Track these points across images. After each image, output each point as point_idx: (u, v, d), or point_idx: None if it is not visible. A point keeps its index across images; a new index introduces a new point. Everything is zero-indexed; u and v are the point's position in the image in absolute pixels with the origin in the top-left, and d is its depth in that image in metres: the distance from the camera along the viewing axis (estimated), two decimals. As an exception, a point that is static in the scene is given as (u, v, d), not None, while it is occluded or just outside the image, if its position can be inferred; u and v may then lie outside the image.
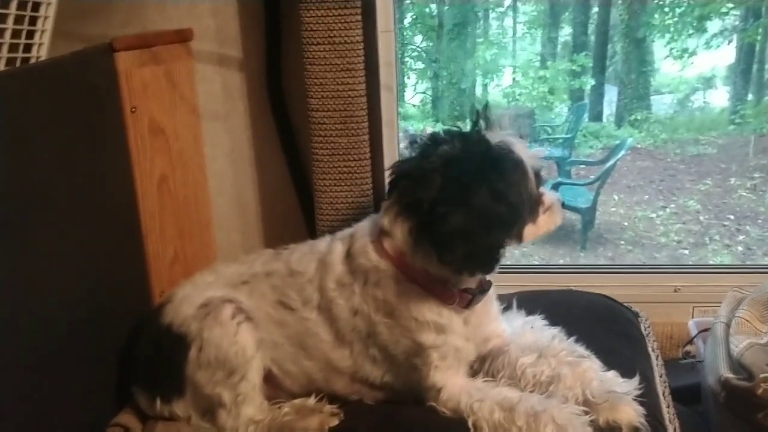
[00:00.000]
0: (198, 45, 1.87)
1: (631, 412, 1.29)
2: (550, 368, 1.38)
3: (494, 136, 1.35)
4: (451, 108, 9.59)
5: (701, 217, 6.55)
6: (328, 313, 1.46)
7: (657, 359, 1.57)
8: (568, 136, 8.02)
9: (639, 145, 8.32)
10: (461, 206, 1.25)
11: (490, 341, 1.48)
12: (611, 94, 9.70)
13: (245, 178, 1.96)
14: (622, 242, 6.31)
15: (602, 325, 1.64)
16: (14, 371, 1.28)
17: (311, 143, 1.71)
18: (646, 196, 7.09)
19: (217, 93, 1.90)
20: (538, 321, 1.54)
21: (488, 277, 1.43)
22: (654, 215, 6.71)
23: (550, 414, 1.24)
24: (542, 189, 1.42)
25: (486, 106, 1.41)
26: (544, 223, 1.43)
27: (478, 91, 9.92)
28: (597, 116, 9.62)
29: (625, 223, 6.68)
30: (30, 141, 1.35)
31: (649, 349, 1.59)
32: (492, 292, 1.47)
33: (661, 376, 1.51)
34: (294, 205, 1.92)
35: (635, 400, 1.32)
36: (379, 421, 1.40)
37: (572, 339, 1.47)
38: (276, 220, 1.98)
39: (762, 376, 1.24)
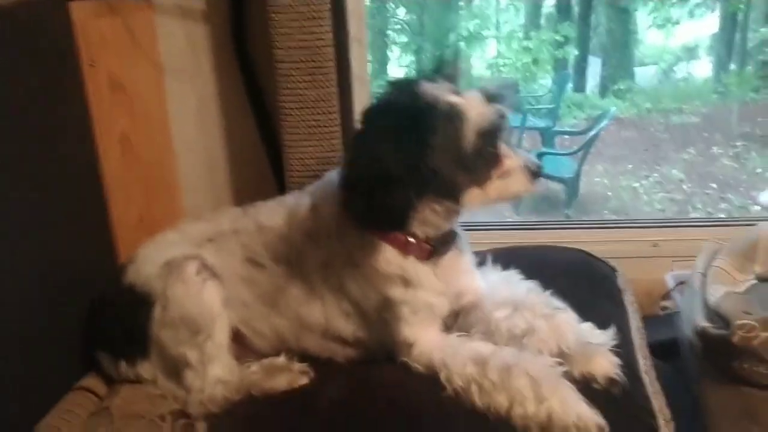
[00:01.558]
0: (159, -4, 1.80)
1: (607, 364, 1.27)
2: (524, 321, 1.35)
3: (436, 88, 1.27)
4: (435, 81, 9.53)
5: (684, 186, 6.58)
6: (299, 268, 1.42)
7: (634, 313, 1.54)
8: (552, 106, 8.01)
9: (623, 116, 8.33)
10: (366, 158, 1.22)
11: (463, 296, 1.44)
12: (595, 64, 9.69)
13: (213, 136, 1.89)
14: (606, 212, 6.34)
15: (579, 280, 1.61)
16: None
17: (278, 97, 1.65)
18: (630, 166, 7.11)
19: (181, 48, 1.82)
20: (513, 276, 1.50)
21: (455, 229, 1.40)
22: (638, 184, 6.74)
23: (523, 367, 1.22)
24: (507, 151, 1.29)
25: (455, 55, 1.36)
26: (497, 189, 1.29)
27: (464, 64, 9.85)
28: (581, 87, 9.62)
29: (609, 193, 6.71)
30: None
31: (626, 303, 1.57)
32: (463, 246, 1.44)
33: (637, 329, 1.49)
34: (265, 163, 1.86)
35: (611, 351, 1.29)
36: (349, 380, 1.37)
37: (548, 293, 1.43)
38: (246, 180, 1.93)
39: (738, 323, 1.22)
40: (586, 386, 1.23)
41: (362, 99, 1.76)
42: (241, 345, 1.50)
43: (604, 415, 1.16)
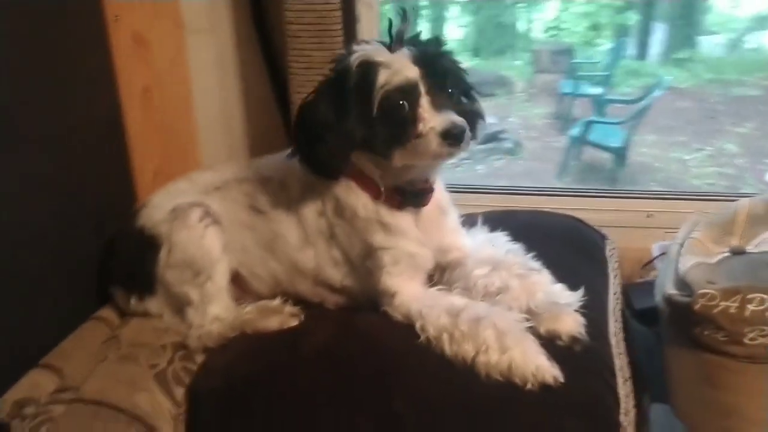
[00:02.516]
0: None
1: (571, 323, 1.32)
2: (500, 280, 1.41)
3: (367, 49, 1.33)
4: (491, 43, 9.39)
5: (736, 161, 6.38)
6: (296, 216, 1.51)
7: (614, 279, 1.59)
8: (606, 73, 7.81)
9: (681, 86, 8.05)
10: (303, 117, 1.36)
11: (449, 253, 1.51)
12: (659, 31, 9.35)
13: (230, 91, 1.98)
14: (654, 183, 6.21)
15: (564, 245, 1.66)
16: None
17: (287, 56, 1.72)
18: (683, 138, 6.91)
19: (202, 5, 1.91)
20: (500, 237, 1.56)
21: (431, 186, 1.46)
22: (689, 157, 6.56)
23: (491, 320, 1.28)
24: (426, 112, 1.28)
25: (403, 19, 1.35)
26: (414, 149, 1.29)
27: (522, 26, 9.67)
28: (643, 54, 9.31)
29: (658, 164, 6.55)
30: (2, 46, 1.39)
31: (609, 270, 1.61)
32: (447, 205, 1.50)
33: (615, 294, 1.53)
34: (278, 118, 1.94)
35: (578, 312, 1.35)
36: (334, 325, 1.46)
37: (529, 255, 1.49)
38: (260, 133, 2.01)
39: (700, 292, 1.25)
40: (550, 342, 1.29)
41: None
42: (241, 287, 1.61)
43: (565, 370, 1.22)
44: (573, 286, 1.40)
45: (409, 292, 1.42)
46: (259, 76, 1.91)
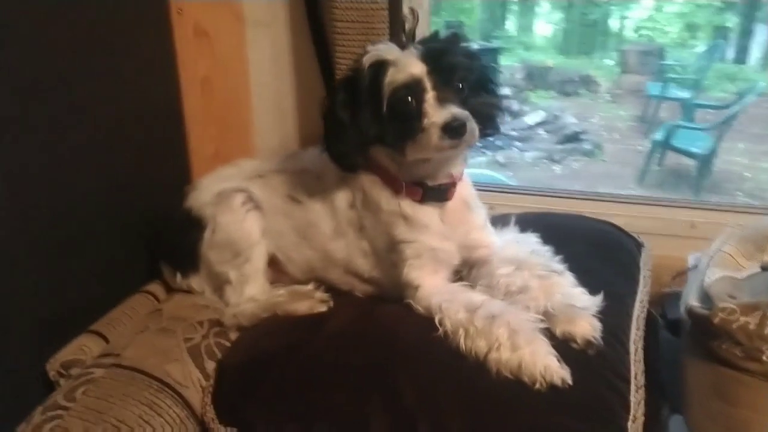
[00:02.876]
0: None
1: (587, 326, 1.32)
2: (522, 280, 1.42)
3: (379, 48, 1.37)
4: (581, 41, 9.20)
5: (834, 174, 6.03)
6: (329, 206, 1.58)
7: (644, 287, 1.57)
8: (696, 77, 7.52)
9: (779, 92, 7.65)
10: (325, 115, 1.43)
11: (476, 250, 1.54)
12: (762, 34, 8.90)
13: (284, 84, 2.06)
14: (740, 193, 5.96)
15: (595, 249, 1.65)
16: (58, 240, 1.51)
17: (334, 52, 1.79)
18: (775, 147, 6.59)
19: (262, 1, 1.99)
20: (529, 238, 1.57)
21: (453, 181, 1.48)
22: (781, 167, 6.25)
23: (505, 318, 1.30)
24: (430, 107, 1.31)
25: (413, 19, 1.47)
26: (421, 143, 1.33)
27: (613, 25, 9.43)
28: (742, 58, 8.88)
29: (747, 174, 6.27)
30: (69, 28, 1.51)
31: (639, 277, 1.60)
32: (470, 201, 1.53)
33: (641, 302, 1.52)
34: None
35: (596, 317, 1.35)
36: (357, 312, 1.52)
37: (556, 257, 1.49)
38: (311, 125, 2.08)
39: (720, 305, 1.23)
40: (564, 344, 1.30)
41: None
42: (278, 270, 1.70)
43: (576, 372, 1.23)
44: (595, 291, 1.40)
45: (431, 285, 1.46)
46: (312, 71, 1.98)
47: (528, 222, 1.64)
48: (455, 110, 1.30)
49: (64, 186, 1.52)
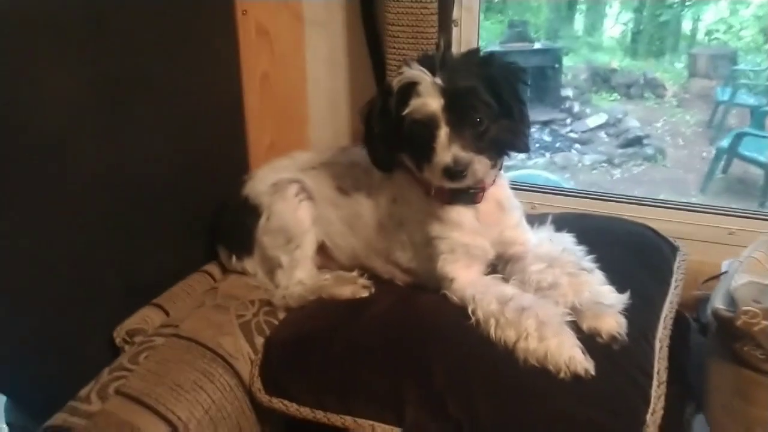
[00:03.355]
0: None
1: (612, 323, 1.39)
2: (552, 276, 1.49)
3: (411, 72, 1.42)
4: (650, 43, 9.02)
5: None
6: (374, 200, 1.69)
7: (675, 289, 1.61)
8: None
9: None
10: (364, 125, 1.56)
11: (511, 246, 1.61)
12: None
13: (339, 81, 2.16)
14: (805, 204, 5.77)
15: (628, 250, 1.70)
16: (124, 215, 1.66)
17: (386, 54, 1.88)
18: None
19: (320, 3, 2.09)
20: (563, 237, 1.64)
21: (484, 183, 1.54)
22: None
23: (534, 311, 1.38)
24: (441, 144, 1.38)
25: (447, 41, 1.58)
26: (430, 171, 1.42)
27: (686, 26, 9.19)
28: (825, 65, 8.53)
29: (816, 185, 6.06)
30: (137, 30, 1.65)
31: (672, 279, 1.64)
32: (505, 202, 1.60)
33: (671, 303, 1.57)
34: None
35: (622, 314, 1.41)
36: (396, 299, 1.62)
37: (588, 256, 1.55)
38: (362, 122, 2.18)
39: (743, 309, 1.28)
40: (590, 339, 1.37)
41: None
42: (325, 255, 1.82)
43: (599, 365, 1.31)
44: (623, 290, 1.45)
45: (465, 278, 1.54)
46: (365, 69, 2.07)
47: (566, 222, 1.70)
48: (460, 154, 1.37)
49: (141, 175, 1.68)
